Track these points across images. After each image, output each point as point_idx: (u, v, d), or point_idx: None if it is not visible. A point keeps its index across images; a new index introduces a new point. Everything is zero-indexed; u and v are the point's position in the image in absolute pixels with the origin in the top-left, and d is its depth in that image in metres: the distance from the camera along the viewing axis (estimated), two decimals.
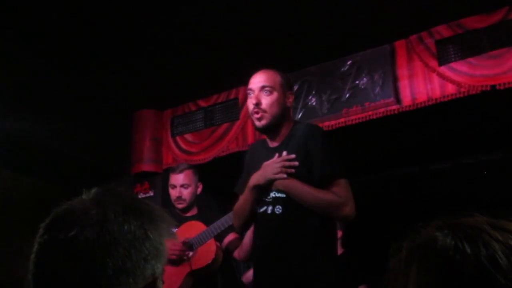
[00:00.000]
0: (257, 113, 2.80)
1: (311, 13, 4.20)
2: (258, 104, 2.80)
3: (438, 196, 5.74)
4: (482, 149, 5.48)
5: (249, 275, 3.87)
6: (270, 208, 2.70)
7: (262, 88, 2.84)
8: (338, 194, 2.62)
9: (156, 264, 1.04)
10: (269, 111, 2.79)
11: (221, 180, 4.12)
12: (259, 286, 2.76)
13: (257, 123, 2.81)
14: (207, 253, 3.73)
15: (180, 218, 3.89)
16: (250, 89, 2.89)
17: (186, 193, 3.97)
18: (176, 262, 3.68)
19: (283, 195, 2.67)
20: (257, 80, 2.91)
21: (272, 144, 2.87)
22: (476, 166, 5.67)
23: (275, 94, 2.82)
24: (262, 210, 2.74)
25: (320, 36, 4.48)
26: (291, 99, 2.90)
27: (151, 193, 5.55)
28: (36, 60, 4.66)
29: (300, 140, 2.73)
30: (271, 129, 2.83)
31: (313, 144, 2.70)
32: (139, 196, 5.22)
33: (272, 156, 2.78)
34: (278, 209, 2.67)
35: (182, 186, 3.99)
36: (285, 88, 2.89)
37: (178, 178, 4.01)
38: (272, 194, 2.71)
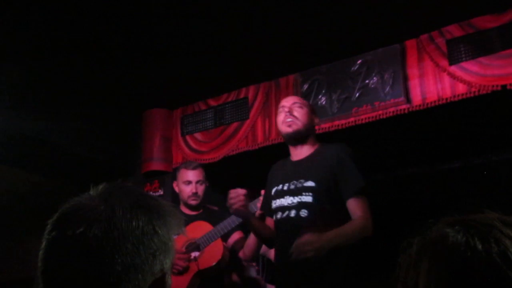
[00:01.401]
0: (288, 119, 3.03)
1: (322, 12, 4.20)
2: (290, 112, 3.05)
3: (448, 196, 5.71)
4: (493, 149, 5.45)
5: (246, 249, 3.80)
6: (293, 212, 2.90)
7: (294, 104, 3.11)
8: (363, 216, 2.86)
9: (165, 260, 1.04)
10: (300, 119, 3.04)
11: (230, 179, 4.12)
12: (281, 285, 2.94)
13: (287, 129, 3.04)
14: (214, 253, 3.72)
15: (186, 217, 3.86)
16: (282, 106, 3.13)
17: (201, 189, 3.97)
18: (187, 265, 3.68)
19: (310, 200, 2.87)
20: (289, 99, 3.21)
21: (298, 157, 3.08)
22: (486, 166, 5.64)
23: (306, 110, 3.09)
24: (284, 215, 2.93)
25: (330, 35, 4.47)
26: (316, 121, 3.19)
27: (160, 192, 5.55)
28: (46, 60, 4.68)
29: (331, 156, 2.95)
30: (298, 138, 3.06)
31: (346, 161, 2.94)
32: None
33: (297, 169, 3.00)
34: (304, 212, 2.87)
35: (197, 182, 3.96)
36: (312, 110, 3.19)
37: (194, 174, 3.98)
38: (296, 199, 2.91)
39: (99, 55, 4.65)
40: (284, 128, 3.06)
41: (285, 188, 3.01)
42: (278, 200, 3.00)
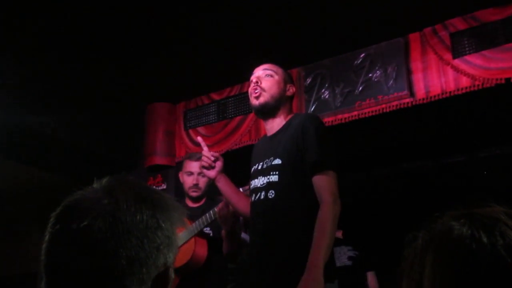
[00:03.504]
0: (255, 90, 2.81)
1: (325, 6, 4.19)
2: (258, 83, 2.82)
3: (452, 189, 5.71)
4: (497, 143, 5.45)
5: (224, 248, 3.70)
6: (263, 193, 2.68)
7: (264, 71, 2.88)
8: (328, 200, 2.52)
9: (168, 254, 1.04)
10: (268, 90, 2.80)
11: (234, 173, 4.11)
12: (251, 272, 2.71)
13: (254, 101, 2.81)
14: (185, 251, 3.62)
15: (188, 209, 3.83)
16: (253, 75, 2.92)
17: (203, 181, 3.89)
18: None
19: (276, 179, 2.65)
20: (260, 67, 2.94)
21: (271, 132, 2.85)
22: (490, 160, 5.64)
23: (276, 78, 2.85)
24: (256, 197, 2.72)
25: (334, 29, 4.46)
26: (291, 91, 2.90)
27: (164, 186, 5.56)
28: (50, 54, 4.69)
29: (297, 127, 2.68)
30: (267, 111, 2.82)
31: (309, 131, 2.63)
32: None
33: (269, 145, 2.78)
34: (271, 193, 2.64)
35: (199, 174, 3.92)
36: (286, 78, 2.93)
37: (197, 166, 3.86)
38: (265, 179, 2.69)
39: (102, 49, 4.65)
40: (252, 101, 2.83)
41: (259, 167, 2.79)
42: (253, 181, 2.80)
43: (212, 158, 2.96)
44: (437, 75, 4.38)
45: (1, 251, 7.36)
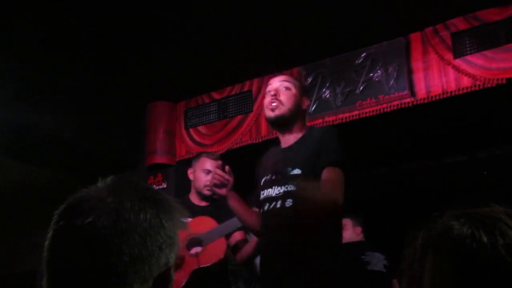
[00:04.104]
0: (272, 103, 2.81)
1: (326, 5, 4.19)
2: (275, 95, 2.82)
3: (453, 189, 5.71)
4: (497, 143, 5.45)
5: (243, 252, 3.75)
6: (279, 202, 2.72)
7: (281, 84, 2.87)
8: (331, 189, 2.63)
9: (170, 254, 1.04)
10: (285, 103, 2.81)
11: (234, 172, 4.11)
12: (266, 279, 2.77)
13: (271, 113, 2.82)
14: (216, 251, 3.62)
15: (193, 208, 3.83)
16: (270, 86, 2.91)
17: None
18: (182, 258, 3.61)
19: (293, 188, 2.68)
20: (277, 79, 2.94)
21: (287, 144, 2.87)
22: (491, 160, 5.64)
23: (293, 91, 2.85)
24: (271, 206, 2.75)
25: (335, 28, 4.46)
26: (306, 104, 2.94)
27: (164, 185, 5.56)
28: (51, 53, 4.69)
29: (317, 138, 2.75)
30: (283, 124, 2.85)
31: (327, 137, 2.74)
32: None
33: (284, 156, 2.81)
34: (289, 202, 2.68)
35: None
36: (302, 91, 2.95)
37: (213, 165, 3.77)
38: (282, 189, 2.73)
39: (103, 47, 4.66)
40: (267, 113, 2.84)
41: (273, 177, 2.83)
42: (266, 191, 2.83)
43: (226, 176, 2.90)
44: (438, 75, 4.38)
45: (1, 249, 7.37)
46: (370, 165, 5.91)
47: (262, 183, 2.89)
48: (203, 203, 3.88)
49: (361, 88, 4.67)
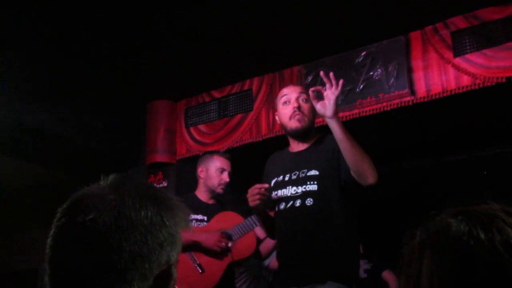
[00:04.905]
0: (298, 115, 2.97)
1: (326, 4, 4.19)
2: (300, 108, 2.98)
3: (452, 188, 5.71)
4: (497, 142, 5.45)
5: (268, 244, 3.90)
6: (298, 201, 2.86)
7: (299, 96, 3.04)
8: None
9: (171, 252, 1.05)
10: (308, 115, 3.00)
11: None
12: (285, 278, 2.89)
13: (297, 124, 2.97)
14: (248, 245, 3.77)
15: (200, 205, 3.88)
16: (286, 95, 3.06)
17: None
18: (217, 253, 3.69)
19: (315, 188, 2.84)
20: (293, 89, 3.12)
21: (299, 148, 3.05)
22: (490, 159, 5.64)
23: (310, 103, 2.99)
24: (288, 205, 2.90)
25: (335, 27, 4.46)
26: (315, 114, 3.08)
27: (164, 184, 5.56)
28: (51, 52, 4.69)
29: (331, 141, 2.86)
30: (306, 134, 3.01)
31: None
32: None
33: (298, 159, 2.98)
34: (309, 201, 2.83)
35: (229, 172, 3.99)
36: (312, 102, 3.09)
37: (228, 164, 4.01)
38: (300, 189, 2.88)
39: (104, 46, 4.66)
40: (294, 124, 2.99)
41: (286, 178, 2.97)
42: (279, 191, 2.96)
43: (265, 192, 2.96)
44: (438, 73, 4.38)
45: (2, 248, 7.37)
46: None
47: (273, 184, 3.02)
48: (211, 201, 3.94)
49: (361, 86, 4.67)
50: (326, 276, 2.72)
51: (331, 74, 2.80)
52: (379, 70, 4.62)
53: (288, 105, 3.02)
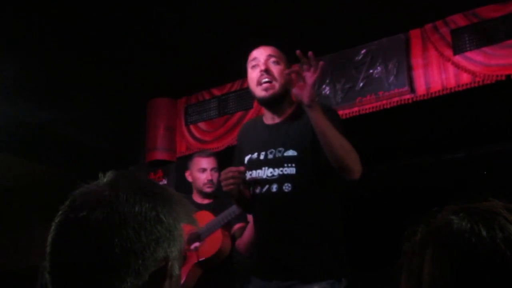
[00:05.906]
0: (264, 80, 2.60)
1: (326, 2, 4.19)
2: (267, 71, 2.61)
3: (452, 186, 5.71)
4: (497, 139, 5.45)
5: (244, 239, 3.71)
6: (275, 186, 2.57)
7: (269, 57, 2.67)
8: None
9: (170, 248, 1.03)
10: (278, 79, 2.61)
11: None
12: (262, 266, 2.66)
13: (264, 93, 2.61)
14: (213, 243, 3.69)
15: (197, 207, 3.84)
16: (255, 59, 2.69)
17: (215, 177, 3.85)
18: (184, 255, 3.63)
19: (293, 172, 2.53)
20: (263, 50, 2.71)
21: (274, 121, 2.70)
22: (490, 156, 5.64)
23: (282, 66, 2.67)
24: (264, 189, 2.60)
25: (335, 24, 4.46)
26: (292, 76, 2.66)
27: (164, 181, 5.56)
28: (52, 50, 4.69)
29: (308, 117, 2.50)
30: (277, 102, 2.66)
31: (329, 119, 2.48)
32: None
33: (273, 135, 2.65)
34: (287, 187, 2.53)
35: (212, 169, 3.91)
36: (287, 64, 2.73)
37: (209, 162, 3.94)
38: (277, 171, 2.56)
39: (104, 44, 4.65)
40: (259, 92, 2.61)
41: (261, 157, 2.64)
42: (254, 172, 2.64)
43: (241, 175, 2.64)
44: (437, 71, 4.38)
45: (2, 246, 7.37)
46: (368, 161, 5.91)
47: (247, 162, 2.72)
48: (206, 201, 3.95)
49: (361, 84, 4.67)
50: (311, 275, 2.47)
51: (310, 53, 2.48)
52: (379, 68, 4.62)
53: (256, 68, 2.65)
